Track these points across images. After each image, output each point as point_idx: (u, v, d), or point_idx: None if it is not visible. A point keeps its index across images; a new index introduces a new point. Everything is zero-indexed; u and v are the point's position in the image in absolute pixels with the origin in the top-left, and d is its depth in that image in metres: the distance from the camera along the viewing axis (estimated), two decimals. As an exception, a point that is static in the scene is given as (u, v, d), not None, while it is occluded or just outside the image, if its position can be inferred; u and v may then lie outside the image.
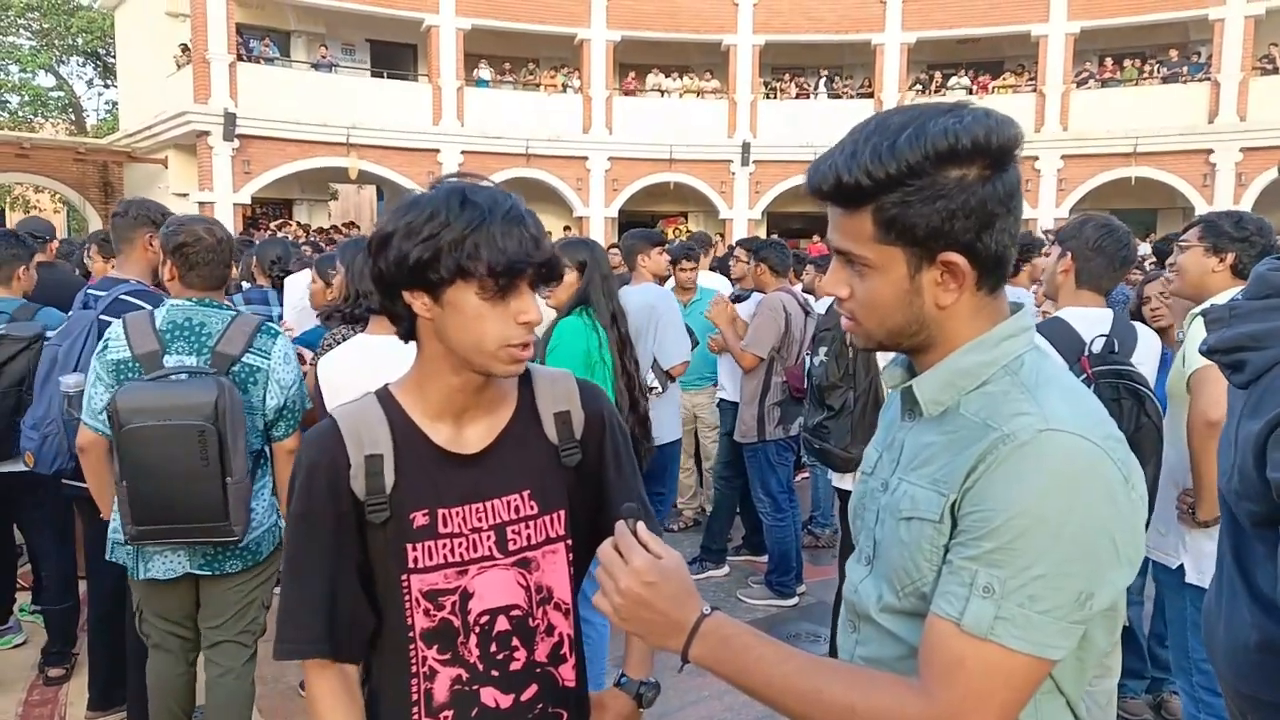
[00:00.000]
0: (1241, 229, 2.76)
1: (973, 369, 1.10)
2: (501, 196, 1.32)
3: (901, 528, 1.11)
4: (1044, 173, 21.39)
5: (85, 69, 29.36)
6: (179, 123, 18.41)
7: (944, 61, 23.19)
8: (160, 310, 2.83)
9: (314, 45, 21.21)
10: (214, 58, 18.25)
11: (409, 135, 20.04)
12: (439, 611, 1.39)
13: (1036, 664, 1.00)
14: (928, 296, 1.09)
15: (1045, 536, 0.97)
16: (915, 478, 1.12)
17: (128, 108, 22.94)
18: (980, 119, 1.05)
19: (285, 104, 18.85)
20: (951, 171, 1.03)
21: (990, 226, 1.05)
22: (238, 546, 2.84)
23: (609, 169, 21.77)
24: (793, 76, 23.69)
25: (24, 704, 3.82)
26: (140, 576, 2.82)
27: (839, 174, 1.07)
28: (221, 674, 2.92)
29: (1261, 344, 1.62)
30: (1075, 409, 1.04)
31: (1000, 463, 1.01)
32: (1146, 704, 3.66)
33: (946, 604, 1.02)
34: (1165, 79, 21.32)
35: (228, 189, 18.56)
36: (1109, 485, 1.00)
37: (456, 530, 1.39)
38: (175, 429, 2.61)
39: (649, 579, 1.09)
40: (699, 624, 1.09)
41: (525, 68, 23.03)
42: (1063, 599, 0.98)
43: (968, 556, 1.01)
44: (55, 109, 28.46)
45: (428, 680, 1.39)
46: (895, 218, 1.05)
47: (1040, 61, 21.55)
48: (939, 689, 1.01)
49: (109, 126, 26.47)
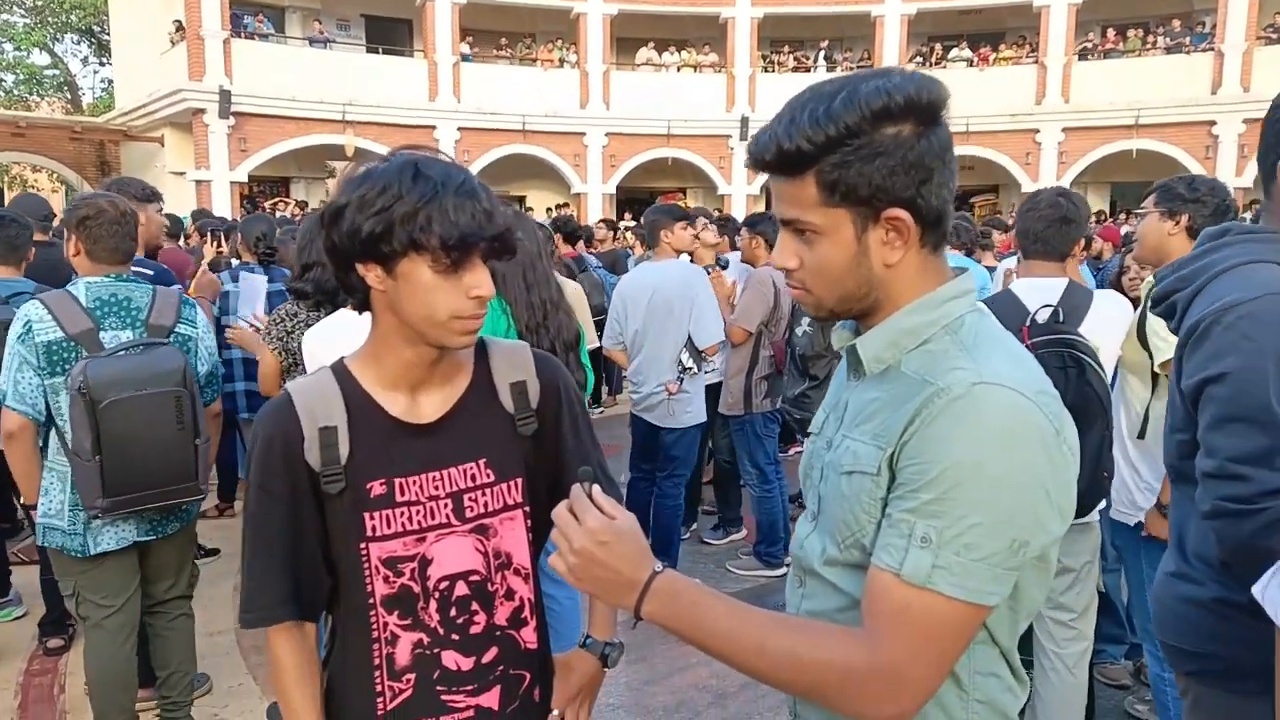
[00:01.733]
0: (1193, 190, 2.80)
1: (915, 328, 1.13)
2: (455, 170, 1.34)
3: (843, 482, 1.15)
4: (1044, 145, 21.28)
5: (80, 46, 29.27)
6: (174, 100, 18.33)
7: (944, 33, 23.01)
8: (78, 289, 2.82)
9: (309, 21, 21.08)
10: (208, 34, 18.13)
11: (405, 112, 19.93)
12: (398, 579, 1.41)
13: (974, 611, 1.03)
14: (875, 256, 1.12)
15: (980, 486, 1.00)
16: (858, 434, 1.14)
17: (123, 85, 22.82)
18: (909, 78, 1.09)
19: (281, 81, 18.76)
20: (887, 129, 1.07)
21: (929, 180, 1.09)
22: (181, 509, 2.96)
23: (606, 145, 21.67)
24: (791, 50, 23.54)
25: (24, 673, 3.88)
26: (91, 552, 2.85)
27: (779, 142, 1.10)
28: (172, 619, 3.14)
29: (1187, 283, 1.63)
30: (1011, 365, 1.07)
31: (936, 416, 1.04)
32: (1126, 670, 3.71)
33: (887, 555, 1.05)
34: (1168, 49, 21.14)
35: (224, 167, 18.50)
36: (1042, 437, 1.04)
37: (414, 498, 1.41)
38: (154, 397, 2.71)
39: (602, 538, 1.11)
40: (651, 581, 1.11)
41: (522, 43, 22.88)
42: (998, 546, 1.01)
43: (906, 509, 1.04)
44: (51, 87, 28.34)
45: (389, 645, 1.42)
46: (838, 179, 1.08)
47: (1041, 33, 21.37)
48: (881, 638, 1.04)
49: (105, 105, 26.38)
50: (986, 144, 21.44)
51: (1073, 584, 2.87)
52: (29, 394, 2.72)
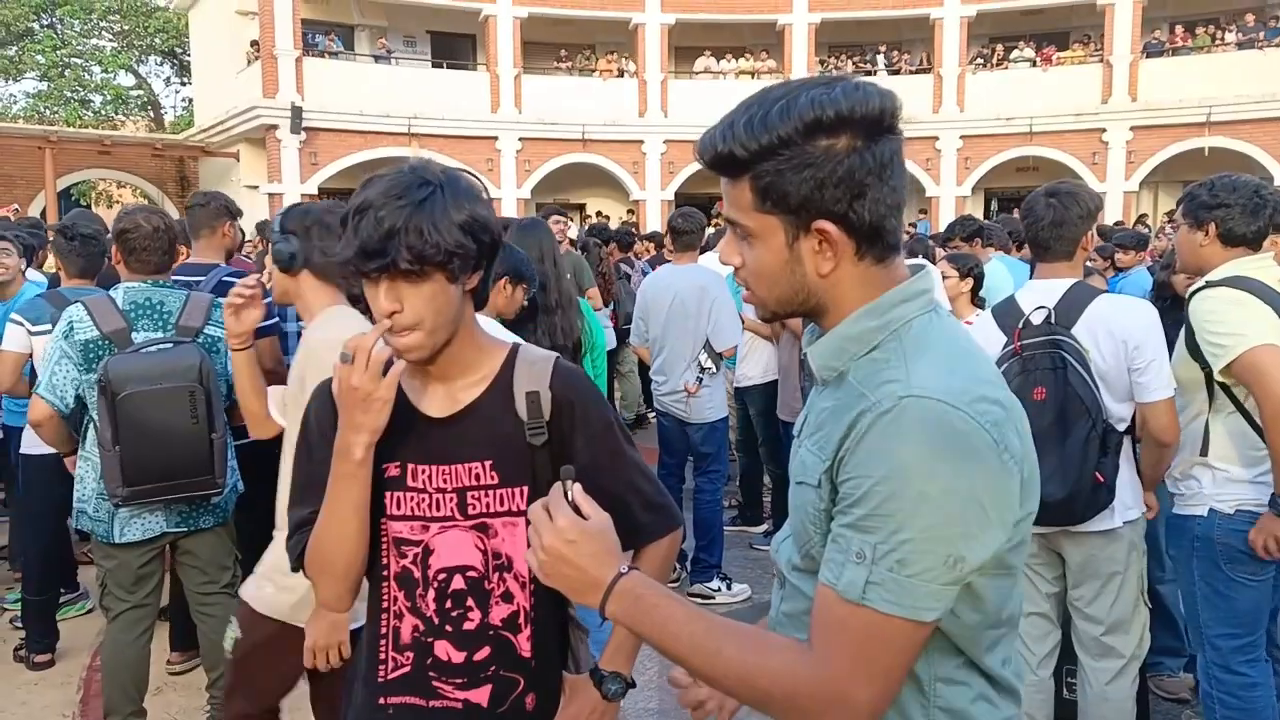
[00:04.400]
0: (1215, 196, 2.72)
1: (861, 335, 1.12)
2: (392, 183, 1.37)
3: (795, 491, 1.18)
4: (1112, 145, 20.80)
5: (163, 68, 30.48)
6: (249, 117, 19.08)
7: (1007, 33, 22.66)
8: (118, 292, 3.06)
9: (377, 38, 21.72)
10: (281, 53, 18.85)
11: (468, 124, 20.42)
12: (403, 560, 1.51)
13: (912, 626, 1.02)
14: (808, 265, 1.11)
15: (908, 501, 0.99)
16: (810, 443, 1.16)
17: (202, 104, 23.83)
18: (850, 91, 1.07)
19: (349, 96, 19.39)
20: (820, 141, 1.06)
21: (862, 196, 1.07)
22: (210, 503, 3.09)
23: (665, 152, 21.85)
24: (849, 54, 23.43)
25: (88, 669, 4.03)
26: (117, 539, 3.03)
27: (715, 145, 1.12)
28: (214, 615, 3.16)
29: None
30: (947, 374, 1.06)
31: (866, 431, 1.04)
32: (1185, 683, 3.57)
33: (828, 570, 1.06)
34: (1240, 45, 20.53)
35: (295, 180, 19.18)
36: (974, 449, 1.02)
37: (423, 486, 1.49)
38: (169, 391, 2.88)
39: (570, 537, 1.13)
40: (614, 583, 1.13)
41: (581, 54, 23.22)
42: (931, 562, 1.00)
43: (844, 524, 1.05)
44: (135, 107, 29.61)
45: (396, 619, 1.52)
46: (769, 186, 1.09)
47: (1107, 31, 20.91)
48: (824, 653, 1.05)
49: (185, 123, 27.47)
50: (1051, 144, 21.06)
51: (1099, 593, 2.76)
52: (59, 386, 2.94)
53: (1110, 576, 2.74)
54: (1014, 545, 1.08)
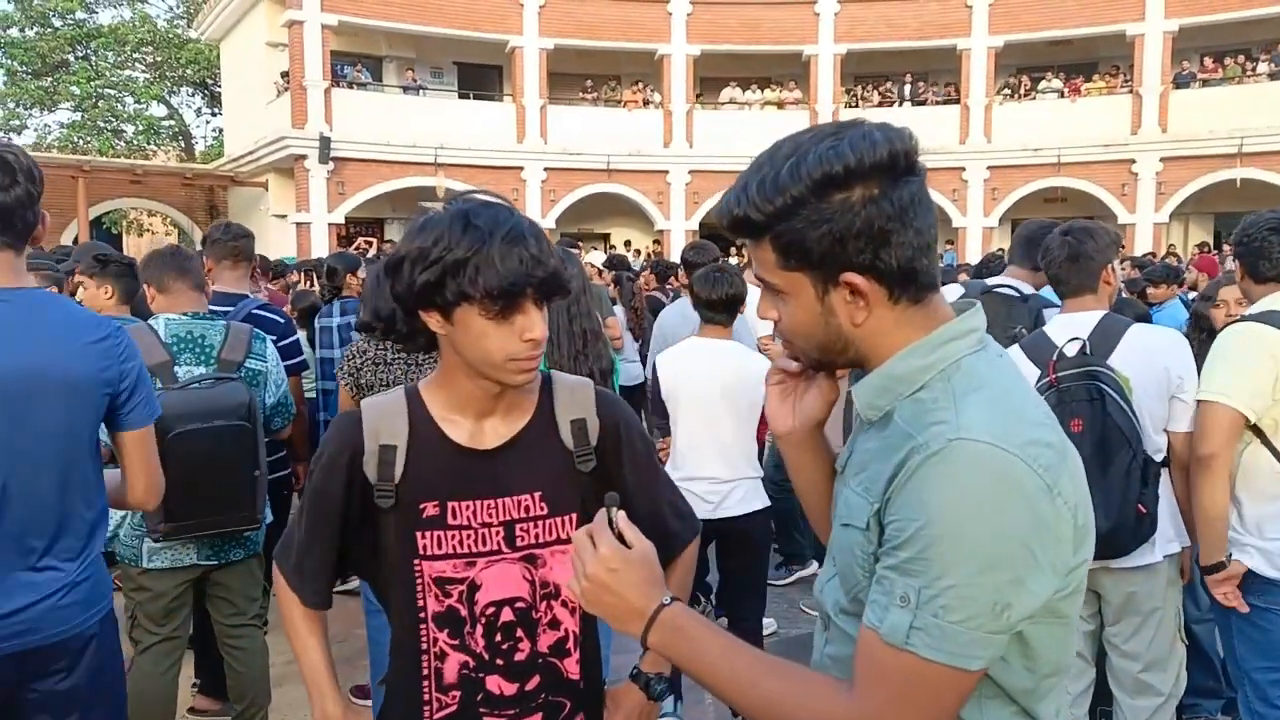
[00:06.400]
0: (1240, 241, 2.84)
1: (908, 374, 1.10)
2: (504, 215, 1.38)
3: (842, 533, 1.15)
4: (1142, 176, 20.62)
5: (194, 98, 30.97)
6: (278, 147, 19.29)
7: (1034, 64, 22.60)
8: (159, 323, 3.02)
9: (404, 69, 21.97)
10: (310, 84, 19.08)
11: (494, 154, 20.55)
12: (447, 599, 1.47)
13: (956, 674, 1.00)
14: (842, 316, 1.10)
15: (954, 547, 0.97)
16: (855, 483, 1.13)
17: (232, 134, 24.16)
18: (857, 141, 1.05)
19: (377, 127, 19.57)
20: (834, 196, 1.05)
21: (886, 243, 1.06)
22: (243, 536, 3.06)
23: (689, 182, 21.87)
24: (876, 85, 23.43)
25: None
26: (145, 565, 2.96)
27: (732, 209, 1.11)
28: (242, 649, 3.18)
29: None
30: (998, 415, 1.03)
31: (914, 473, 1.01)
32: None
33: (871, 613, 1.04)
34: (1272, 75, 20.34)
35: (323, 209, 19.34)
36: (1025, 494, 0.99)
37: (466, 523, 1.47)
38: (221, 429, 2.85)
39: (613, 565, 1.13)
40: (657, 613, 1.13)
41: (607, 85, 23.37)
42: (976, 609, 0.98)
43: (888, 566, 1.03)
44: (167, 137, 30.06)
45: (438, 660, 1.49)
46: (790, 244, 1.08)
47: (1136, 62, 20.81)
48: (864, 696, 1.03)
49: (215, 152, 27.86)
50: (1079, 175, 20.90)
51: (1138, 629, 2.75)
52: None
53: (1150, 612, 2.74)
54: (1068, 593, 1.05)
